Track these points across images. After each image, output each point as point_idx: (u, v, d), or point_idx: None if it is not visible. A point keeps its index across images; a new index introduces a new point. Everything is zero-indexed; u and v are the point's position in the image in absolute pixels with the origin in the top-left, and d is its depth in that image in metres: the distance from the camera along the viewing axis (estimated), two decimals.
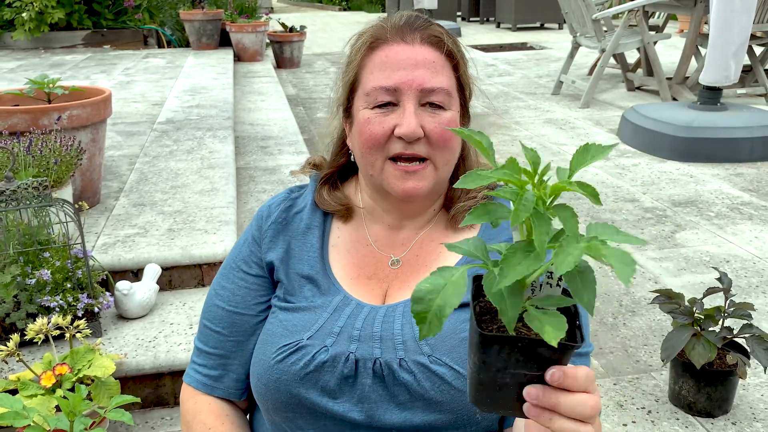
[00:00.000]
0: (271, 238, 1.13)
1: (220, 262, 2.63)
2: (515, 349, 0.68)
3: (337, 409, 0.99)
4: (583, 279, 0.65)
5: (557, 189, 0.67)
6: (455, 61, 1.07)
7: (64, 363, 1.93)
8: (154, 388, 2.24)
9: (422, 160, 1.03)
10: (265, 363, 1.03)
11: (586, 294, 0.65)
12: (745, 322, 2.16)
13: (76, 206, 2.23)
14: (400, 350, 0.99)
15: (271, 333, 1.06)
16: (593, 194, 0.65)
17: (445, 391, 0.96)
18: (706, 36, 5.02)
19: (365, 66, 1.06)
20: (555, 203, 0.67)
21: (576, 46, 7.11)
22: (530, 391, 0.69)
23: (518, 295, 0.66)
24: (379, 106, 1.03)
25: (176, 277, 2.65)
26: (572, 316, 0.72)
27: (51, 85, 2.97)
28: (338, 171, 1.17)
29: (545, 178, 0.68)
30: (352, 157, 1.13)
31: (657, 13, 8.07)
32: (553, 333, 0.64)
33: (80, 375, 1.95)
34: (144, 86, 6.17)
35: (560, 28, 13.16)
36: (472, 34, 12.74)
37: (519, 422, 0.96)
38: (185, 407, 1.15)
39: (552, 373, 0.68)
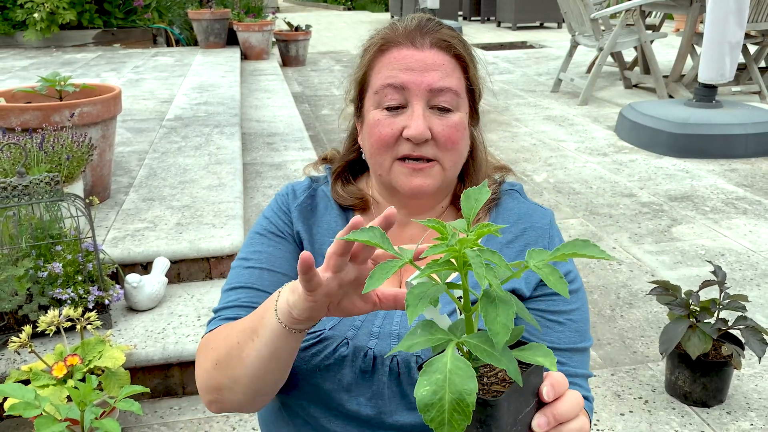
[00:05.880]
0: (297, 217, 1.12)
1: (228, 256, 2.68)
2: (516, 394, 0.67)
3: (350, 404, 1.00)
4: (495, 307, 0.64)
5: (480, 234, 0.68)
6: (464, 63, 1.07)
7: (75, 354, 1.95)
8: (163, 379, 2.28)
9: (429, 159, 1.04)
10: None
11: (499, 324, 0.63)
12: (739, 314, 2.20)
13: (87, 201, 2.26)
14: None
15: None
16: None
17: None
18: (702, 35, 5.06)
19: (374, 66, 1.06)
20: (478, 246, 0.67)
21: (575, 45, 7.15)
22: (540, 422, 0.69)
23: (507, 348, 0.63)
24: (389, 109, 1.04)
25: (184, 270, 2.69)
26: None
27: (62, 83, 3.01)
28: (349, 165, 1.18)
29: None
30: (363, 154, 1.14)
31: (654, 13, 8.10)
32: (547, 360, 0.65)
33: (91, 366, 1.98)
34: (153, 84, 6.22)
35: (559, 27, 13.19)
36: (473, 33, 12.76)
37: None
38: (199, 346, 1.04)
39: (546, 392, 0.70)
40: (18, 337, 1.89)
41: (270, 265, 1.07)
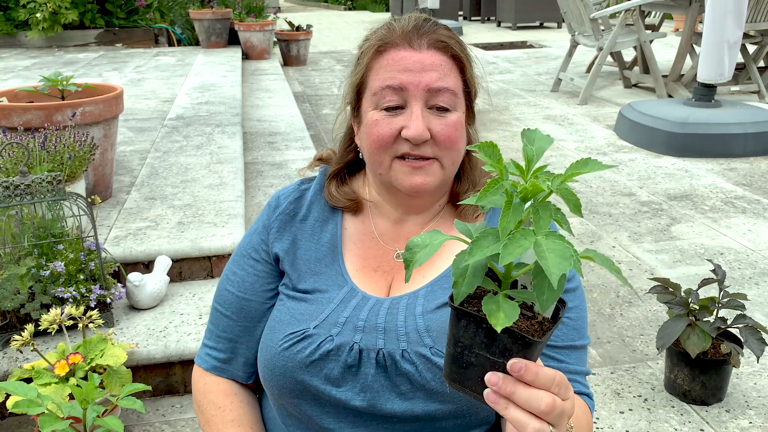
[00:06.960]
0: (278, 229, 1.15)
1: (229, 254, 2.68)
2: (480, 329, 0.69)
3: (340, 397, 1.01)
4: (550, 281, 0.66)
5: (536, 189, 0.68)
6: (461, 63, 1.08)
7: (77, 352, 1.96)
8: (165, 377, 2.29)
9: (429, 157, 1.06)
10: (272, 349, 1.06)
11: (547, 293, 0.66)
12: (738, 312, 2.20)
13: (89, 200, 2.27)
14: (403, 341, 1.00)
15: (278, 320, 1.09)
16: (576, 205, 0.68)
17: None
18: (701, 34, 5.07)
19: (372, 68, 1.07)
20: (543, 201, 0.68)
21: (574, 45, 7.16)
22: (490, 377, 0.71)
23: (479, 276, 0.69)
24: (387, 109, 1.05)
25: (186, 268, 2.70)
26: (556, 316, 0.74)
27: (64, 83, 3.03)
28: (346, 166, 1.19)
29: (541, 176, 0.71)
30: (360, 154, 1.15)
31: (653, 13, 8.12)
32: (501, 319, 0.65)
33: (93, 364, 1.98)
34: (155, 83, 6.23)
35: (559, 27, 13.20)
36: (474, 33, 12.77)
37: None
38: (196, 387, 1.19)
39: (513, 363, 0.70)
40: (20, 335, 1.90)
41: (238, 290, 1.17)
